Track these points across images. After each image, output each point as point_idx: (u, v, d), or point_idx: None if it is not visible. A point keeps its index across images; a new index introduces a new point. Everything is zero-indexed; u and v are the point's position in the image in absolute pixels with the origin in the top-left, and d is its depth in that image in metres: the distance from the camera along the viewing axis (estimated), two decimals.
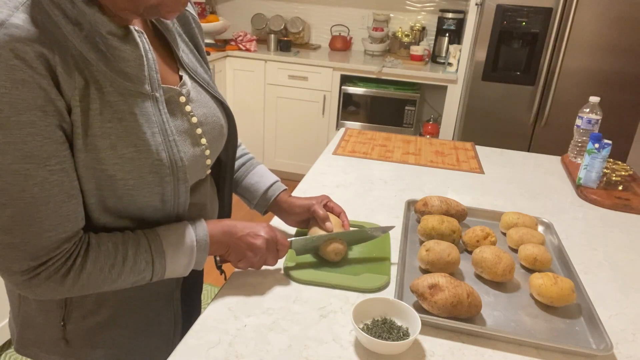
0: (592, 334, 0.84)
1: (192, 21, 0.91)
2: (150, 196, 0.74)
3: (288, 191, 1.08)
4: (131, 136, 0.70)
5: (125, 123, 0.70)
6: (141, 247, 0.75)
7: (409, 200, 1.25)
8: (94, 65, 0.67)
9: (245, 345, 0.78)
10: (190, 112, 0.82)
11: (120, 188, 0.71)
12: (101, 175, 0.70)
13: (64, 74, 0.63)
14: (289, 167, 3.63)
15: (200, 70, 0.89)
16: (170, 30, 0.83)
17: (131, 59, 0.70)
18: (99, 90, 0.67)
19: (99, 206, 0.73)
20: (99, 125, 0.68)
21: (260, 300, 0.88)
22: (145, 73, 0.72)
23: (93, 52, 0.67)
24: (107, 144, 0.68)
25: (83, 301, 0.81)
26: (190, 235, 0.79)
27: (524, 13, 2.70)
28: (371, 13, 3.72)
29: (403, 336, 0.78)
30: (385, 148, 1.72)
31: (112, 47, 0.68)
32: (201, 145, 0.83)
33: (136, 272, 0.75)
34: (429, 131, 3.45)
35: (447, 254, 0.96)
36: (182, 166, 0.77)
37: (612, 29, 2.63)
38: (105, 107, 0.68)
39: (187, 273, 0.81)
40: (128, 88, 0.70)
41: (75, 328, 0.82)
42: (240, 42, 3.46)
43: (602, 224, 1.28)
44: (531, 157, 1.75)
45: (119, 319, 0.84)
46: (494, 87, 2.89)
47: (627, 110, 2.75)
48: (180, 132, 0.79)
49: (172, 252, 0.77)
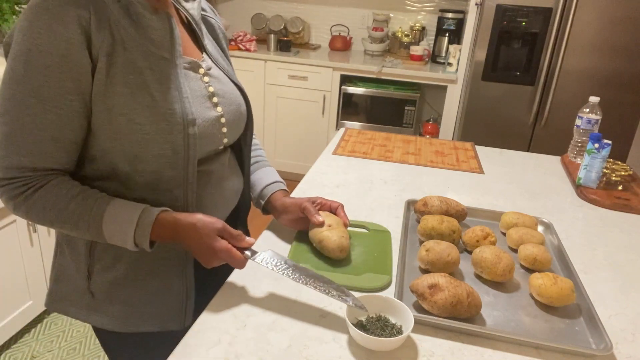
0: (592, 334, 0.84)
1: (217, 28, 1.04)
2: (164, 143, 0.82)
3: (285, 192, 1.09)
4: (149, 88, 0.80)
5: (144, 77, 0.80)
6: (84, 206, 0.81)
7: (408, 200, 1.25)
8: (124, 29, 0.79)
9: (245, 345, 0.78)
10: (208, 82, 0.91)
11: (137, 132, 0.80)
12: (122, 120, 0.79)
13: (95, 32, 0.76)
14: (289, 167, 3.63)
15: (222, 62, 0.99)
16: (197, 21, 0.95)
17: (157, 27, 0.83)
18: (124, 49, 0.79)
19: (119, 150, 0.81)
20: (121, 76, 0.78)
21: (260, 300, 0.88)
22: (168, 41, 0.84)
23: (125, 18, 0.79)
24: (128, 92, 0.79)
25: (104, 254, 0.89)
26: (135, 211, 0.81)
27: (524, 13, 2.70)
28: (371, 13, 3.72)
29: (397, 333, 0.79)
30: (385, 148, 1.72)
31: (143, 16, 0.81)
32: (217, 112, 0.91)
33: (73, 224, 0.81)
34: (429, 131, 3.45)
35: (447, 254, 0.96)
36: (192, 119, 0.84)
37: (612, 29, 2.63)
38: (128, 63, 0.79)
39: (131, 247, 0.82)
40: (151, 50, 0.82)
41: (98, 280, 0.91)
42: (240, 42, 3.46)
43: (602, 224, 1.28)
44: (531, 157, 1.75)
45: (133, 277, 0.90)
46: (493, 87, 2.89)
47: (627, 110, 2.75)
48: (197, 95, 0.88)
49: (110, 219, 0.81)
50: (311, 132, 3.52)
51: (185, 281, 0.94)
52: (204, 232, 0.82)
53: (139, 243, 0.82)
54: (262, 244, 1.07)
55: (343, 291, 0.83)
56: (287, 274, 0.85)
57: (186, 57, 0.88)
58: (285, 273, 0.85)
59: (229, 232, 0.84)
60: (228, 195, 1.00)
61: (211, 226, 0.82)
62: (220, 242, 0.82)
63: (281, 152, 3.62)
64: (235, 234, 0.84)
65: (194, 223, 0.82)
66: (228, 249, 0.82)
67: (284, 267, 0.86)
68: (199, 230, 0.82)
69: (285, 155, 3.62)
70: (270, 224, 1.13)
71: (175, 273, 0.93)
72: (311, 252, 1.02)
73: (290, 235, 1.09)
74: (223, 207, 0.99)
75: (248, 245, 0.86)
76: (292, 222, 1.06)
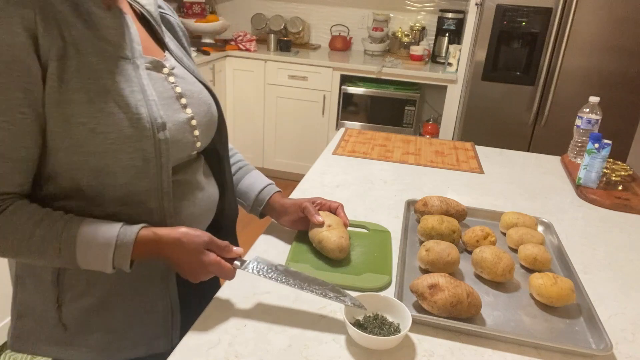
0: (592, 334, 0.84)
1: (176, 25, 0.97)
2: (133, 152, 0.75)
3: (281, 193, 1.09)
4: (109, 93, 0.73)
5: (103, 81, 0.73)
6: (52, 231, 0.73)
7: (408, 200, 1.25)
8: (76, 30, 0.72)
9: (245, 345, 0.78)
10: (174, 82, 0.85)
11: (102, 143, 0.73)
12: (82, 130, 0.71)
13: (43, 33, 0.69)
14: (289, 167, 3.63)
15: (186, 61, 0.92)
16: (155, 17, 0.88)
17: (112, 25, 0.76)
18: (77, 51, 0.72)
19: (83, 166, 0.73)
20: (76, 81, 0.71)
21: (260, 300, 0.88)
22: (126, 41, 0.77)
23: (76, 17, 0.72)
24: (85, 99, 0.71)
25: (75, 281, 0.82)
26: (111, 231, 0.75)
27: (524, 13, 2.70)
28: (371, 13, 3.72)
29: (394, 332, 0.79)
30: (385, 148, 1.72)
31: (95, 14, 0.74)
32: (187, 114, 0.85)
33: (40, 253, 0.73)
34: (429, 131, 3.45)
35: (447, 254, 0.96)
36: (162, 123, 0.78)
37: (612, 29, 2.63)
38: (83, 66, 0.72)
39: (110, 270, 0.76)
40: (108, 51, 0.75)
41: (71, 310, 0.83)
42: (240, 42, 3.46)
43: (602, 224, 1.28)
44: (531, 157, 1.75)
45: (112, 301, 0.84)
46: (493, 87, 2.89)
47: (627, 110, 2.75)
48: (163, 97, 0.81)
49: (84, 244, 0.74)
50: (311, 132, 3.52)
51: (169, 298, 0.88)
52: (191, 247, 0.77)
53: (118, 265, 0.76)
54: (261, 244, 1.07)
55: (339, 291, 0.82)
56: (280, 280, 0.82)
57: (147, 57, 0.82)
58: (279, 279, 0.82)
59: (216, 244, 0.80)
60: (205, 206, 0.93)
61: (198, 240, 0.78)
62: (209, 255, 0.78)
63: (281, 152, 3.62)
64: (223, 245, 0.80)
65: (178, 238, 0.77)
66: (217, 262, 0.78)
67: (275, 273, 0.83)
68: (185, 246, 0.77)
69: (285, 155, 3.62)
70: (269, 225, 1.13)
71: (158, 291, 0.87)
72: (311, 252, 1.02)
73: (289, 236, 1.09)
74: (202, 218, 0.93)
75: (236, 256, 0.82)
76: (292, 223, 1.06)
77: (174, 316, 0.90)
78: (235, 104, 3.57)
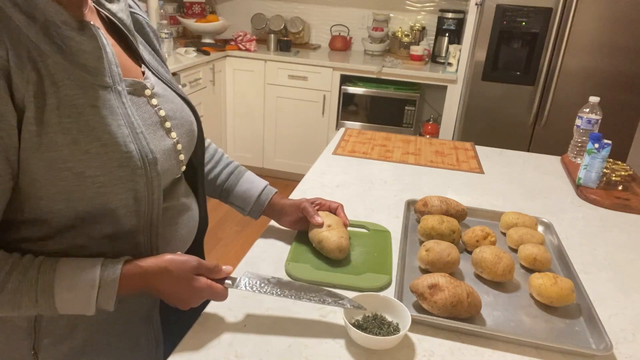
0: (592, 334, 0.84)
1: (146, 25, 0.89)
2: (123, 193, 0.70)
3: (279, 193, 1.09)
4: (94, 130, 0.66)
5: (86, 117, 0.66)
6: (25, 281, 0.66)
7: (408, 200, 1.25)
8: (50, 58, 0.64)
9: (245, 345, 0.78)
10: (157, 105, 0.79)
11: (90, 187, 0.67)
12: (68, 175, 0.65)
13: (16, 69, 0.61)
14: (289, 167, 3.63)
15: (162, 71, 0.87)
16: (127, 25, 0.81)
17: (88, 50, 0.68)
18: (54, 85, 0.64)
19: (69, 212, 0.68)
20: (57, 121, 0.64)
21: (260, 300, 0.88)
22: (105, 65, 0.70)
23: (49, 44, 0.64)
24: (69, 140, 0.65)
25: (54, 326, 0.76)
26: (92, 272, 0.69)
27: (524, 13, 2.70)
28: (371, 13, 3.72)
29: (394, 331, 0.79)
30: (385, 148, 1.72)
31: (68, 38, 0.66)
32: (172, 139, 0.80)
33: (15, 306, 0.67)
34: (429, 131, 3.45)
35: (447, 254, 0.96)
36: (153, 158, 0.73)
37: (612, 29, 2.63)
38: (62, 102, 0.65)
39: (92, 312, 0.70)
40: (87, 80, 0.67)
41: (48, 356, 0.77)
42: (240, 42, 3.46)
43: (602, 224, 1.28)
44: (531, 157, 1.75)
45: (95, 344, 0.79)
46: (493, 87, 2.89)
47: (627, 110, 2.75)
48: (148, 125, 0.76)
49: (63, 288, 0.67)
50: (311, 132, 3.52)
51: (153, 332, 0.86)
52: (181, 275, 0.73)
53: (101, 306, 0.70)
54: (261, 245, 1.07)
55: (337, 295, 0.80)
56: (275, 293, 0.79)
57: (127, 79, 0.75)
58: (274, 292, 0.79)
59: (205, 267, 0.76)
60: (191, 225, 0.90)
61: (186, 266, 0.73)
62: (199, 280, 0.74)
63: (281, 152, 3.62)
64: (212, 267, 0.76)
65: (165, 267, 0.72)
66: (209, 286, 0.75)
67: (269, 287, 0.80)
68: (174, 274, 0.72)
69: (285, 155, 3.62)
70: (268, 226, 1.13)
71: (142, 327, 0.84)
72: (311, 252, 1.02)
73: (289, 236, 1.09)
74: (188, 238, 0.90)
75: (226, 275, 0.78)
76: (292, 224, 1.06)
77: (158, 347, 0.88)
78: (235, 104, 3.57)
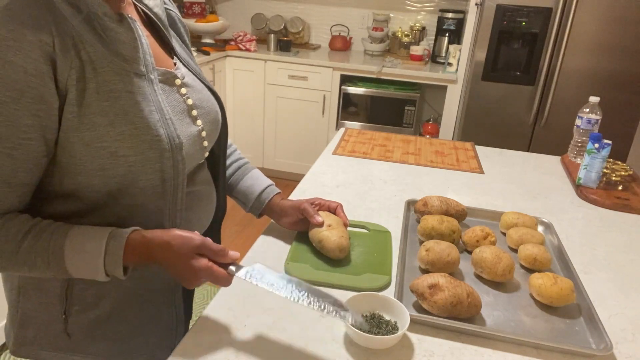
0: (592, 334, 0.84)
1: (178, 21, 0.96)
2: (151, 173, 0.75)
3: (281, 194, 1.09)
4: (129, 114, 0.72)
5: (122, 102, 0.72)
6: (39, 243, 0.71)
7: (408, 200, 1.25)
8: (92, 46, 0.70)
9: (245, 345, 0.78)
10: (186, 94, 0.85)
11: (123, 165, 0.73)
12: (104, 154, 0.71)
13: (61, 56, 0.66)
14: (289, 167, 3.63)
15: (192, 64, 0.92)
16: (162, 20, 0.87)
17: (126, 40, 0.74)
18: (94, 70, 0.70)
19: (102, 188, 0.74)
20: (97, 104, 0.70)
21: (260, 300, 0.88)
22: (140, 55, 0.76)
23: (91, 34, 0.70)
24: (106, 122, 0.71)
25: (83, 294, 0.82)
26: (101, 238, 0.72)
27: (524, 13, 2.70)
28: (371, 13, 3.72)
29: (392, 330, 0.79)
30: (385, 148, 1.72)
31: (109, 29, 0.72)
32: (197, 126, 0.86)
33: (31, 266, 0.71)
34: (429, 131, 3.45)
35: (447, 254, 0.96)
36: (179, 143, 0.78)
37: (612, 29, 2.63)
38: (101, 86, 0.70)
39: (103, 278, 0.73)
40: (124, 68, 0.73)
41: (77, 321, 0.83)
42: (240, 42, 3.46)
43: (602, 224, 1.28)
44: (531, 157, 1.75)
45: (119, 312, 0.85)
46: (493, 87, 2.89)
47: (627, 110, 2.75)
48: (176, 112, 0.81)
49: (72, 252, 0.71)
50: (311, 132, 3.52)
51: (175, 308, 0.90)
52: (181, 252, 0.72)
53: (110, 272, 0.72)
54: (261, 244, 1.07)
55: (341, 305, 0.73)
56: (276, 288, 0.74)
57: (159, 69, 0.80)
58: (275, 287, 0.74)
59: (208, 248, 0.73)
60: (210, 210, 0.95)
61: (189, 243, 0.72)
62: (200, 260, 0.72)
63: (281, 152, 3.62)
64: (217, 249, 0.74)
65: (167, 241, 0.72)
66: (208, 267, 0.72)
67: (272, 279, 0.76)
68: (175, 250, 0.72)
69: (285, 155, 3.62)
70: (269, 225, 1.13)
71: (164, 302, 0.89)
72: (311, 252, 1.02)
73: (289, 236, 1.09)
74: (205, 221, 0.95)
75: (232, 260, 0.75)
76: (292, 225, 1.06)
77: (179, 325, 0.91)
78: (235, 104, 3.57)
